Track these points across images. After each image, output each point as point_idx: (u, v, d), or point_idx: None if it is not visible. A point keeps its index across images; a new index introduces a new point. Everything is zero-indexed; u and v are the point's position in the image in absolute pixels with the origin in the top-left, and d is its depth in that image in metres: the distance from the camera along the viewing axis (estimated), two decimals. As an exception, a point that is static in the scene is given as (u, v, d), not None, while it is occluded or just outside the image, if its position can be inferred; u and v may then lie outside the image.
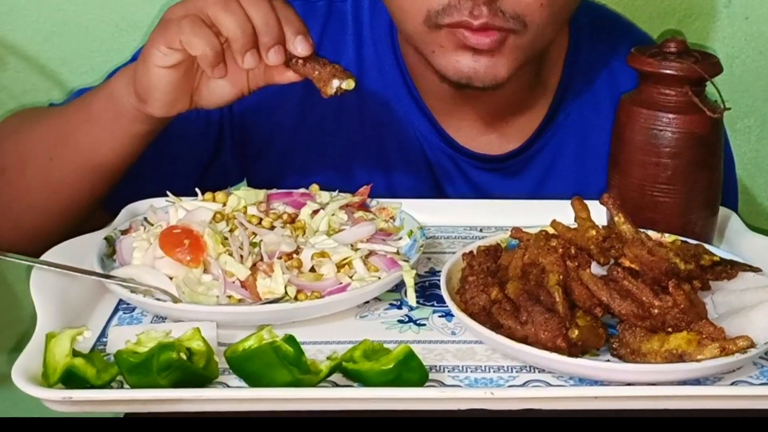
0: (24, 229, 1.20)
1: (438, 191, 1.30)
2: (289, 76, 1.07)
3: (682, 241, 1.04)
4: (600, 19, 1.35)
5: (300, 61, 1.05)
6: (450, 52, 1.14)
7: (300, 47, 1.04)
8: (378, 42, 1.28)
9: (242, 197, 1.08)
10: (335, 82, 1.04)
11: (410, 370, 0.86)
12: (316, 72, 1.05)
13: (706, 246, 1.03)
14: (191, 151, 1.28)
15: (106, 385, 0.86)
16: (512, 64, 1.14)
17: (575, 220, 1.02)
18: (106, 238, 1.06)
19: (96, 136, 1.13)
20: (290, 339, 0.87)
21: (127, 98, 1.09)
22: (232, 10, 1.02)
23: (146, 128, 1.11)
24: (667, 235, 1.05)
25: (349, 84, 1.05)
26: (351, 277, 1.01)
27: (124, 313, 1.00)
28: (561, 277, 0.94)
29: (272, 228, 1.05)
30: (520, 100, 1.28)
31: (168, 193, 1.11)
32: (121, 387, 0.87)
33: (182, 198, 1.10)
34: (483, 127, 1.29)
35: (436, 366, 0.90)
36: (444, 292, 0.96)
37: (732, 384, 0.88)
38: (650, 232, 1.03)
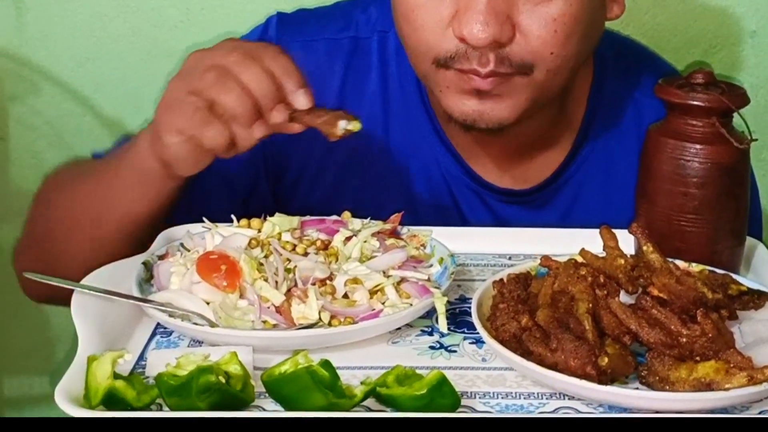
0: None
1: (464, 225, 1.29)
2: (295, 128, 1.08)
3: (709, 270, 1.04)
4: (624, 51, 1.35)
5: (303, 111, 1.06)
6: (456, 93, 1.16)
7: (302, 100, 1.06)
8: (404, 79, 1.29)
9: (277, 224, 1.10)
10: (342, 123, 1.06)
11: (443, 396, 0.87)
12: (320, 119, 1.07)
13: (734, 276, 1.04)
14: (236, 182, 1.31)
15: (146, 408, 0.88)
16: (518, 105, 1.16)
17: (603, 249, 1.03)
18: (144, 263, 1.08)
19: (131, 198, 1.15)
20: (326, 363, 0.89)
21: (153, 164, 1.11)
22: (231, 89, 1.04)
23: (177, 184, 1.14)
24: (694, 264, 1.05)
25: (355, 125, 1.06)
26: (383, 304, 1.03)
27: (161, 337, 1.01)
28: (590, 305, 0.95)
29: (306, 254, 1.06)
30: (545, 135, 1.28)
31: (204, 219, 1.13)
32: (160, 409, 0.88)
33: (218, 224, 1.12)
34: (507, 162, 1.29)
35: (467, 392, 0.92)
36: (475, 319, 0.97)
37: (760, 413, 0.89)
38: (678, 262, 1.03)
